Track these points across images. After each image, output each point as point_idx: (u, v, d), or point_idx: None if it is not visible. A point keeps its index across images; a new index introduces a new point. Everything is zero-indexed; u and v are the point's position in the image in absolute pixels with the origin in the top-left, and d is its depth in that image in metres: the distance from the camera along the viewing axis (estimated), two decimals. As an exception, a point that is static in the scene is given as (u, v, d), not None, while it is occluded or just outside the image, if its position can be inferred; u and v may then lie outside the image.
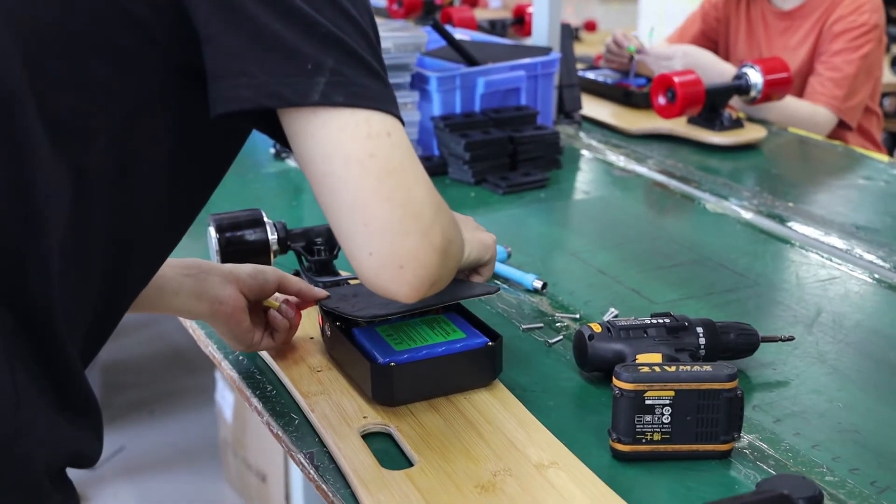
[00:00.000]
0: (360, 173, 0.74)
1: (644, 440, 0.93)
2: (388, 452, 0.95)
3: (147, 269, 0.87)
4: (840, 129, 2.27)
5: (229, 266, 1.09)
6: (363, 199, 0.74)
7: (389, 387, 0.99)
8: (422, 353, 1.02)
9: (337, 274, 1.28)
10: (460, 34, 2.24)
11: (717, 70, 2.21)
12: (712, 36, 2.51)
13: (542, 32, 2.08)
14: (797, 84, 2.29)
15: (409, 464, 0.93)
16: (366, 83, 0.75)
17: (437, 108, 1.85)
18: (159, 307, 1.04)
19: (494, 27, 3.08)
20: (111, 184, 0.77)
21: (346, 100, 0.74)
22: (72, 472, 0.81)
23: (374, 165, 0.74)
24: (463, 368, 1.03)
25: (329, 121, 0.74)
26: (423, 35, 1.84)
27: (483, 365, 1.02)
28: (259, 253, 1.22)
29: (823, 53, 2.26)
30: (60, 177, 0.73)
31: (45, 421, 0.76)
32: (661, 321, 1.06)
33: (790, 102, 2.20)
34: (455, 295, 1.07)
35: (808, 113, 2.22)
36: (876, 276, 1.40)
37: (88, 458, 0.81)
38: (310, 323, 1.17)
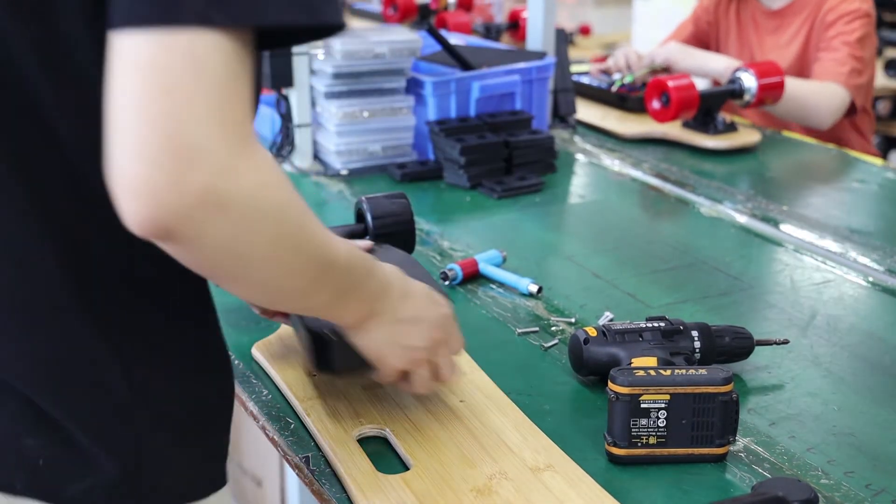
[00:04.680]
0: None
1: (640, 444, 0.93)
2: (384, 456, 0.95)
3: None
4: (845, 120, 2.22)
5: None
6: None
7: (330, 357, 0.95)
8: None
9: None
10: (455, 39, 2.24)
11: (705, 60, 2.22)
12: (704, 39, 2.52)
13: (536, 37, 2.08)
14: None
15: (405, 467, 0.93)
16: None
17: (432, 113, 1.85)
18: None
19: (489, 32, 3.09)
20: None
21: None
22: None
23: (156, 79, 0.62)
24: None
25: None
26: (419, 39, 1.84)
27: None
28: None
29: (821, 42, 2.24)
30: None
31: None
32: (656, 325, 1.07)
33: (796, 84, 2.11)
34: None
35: (817, 89, 2.14)
36: (870, 279, 1.41)
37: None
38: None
